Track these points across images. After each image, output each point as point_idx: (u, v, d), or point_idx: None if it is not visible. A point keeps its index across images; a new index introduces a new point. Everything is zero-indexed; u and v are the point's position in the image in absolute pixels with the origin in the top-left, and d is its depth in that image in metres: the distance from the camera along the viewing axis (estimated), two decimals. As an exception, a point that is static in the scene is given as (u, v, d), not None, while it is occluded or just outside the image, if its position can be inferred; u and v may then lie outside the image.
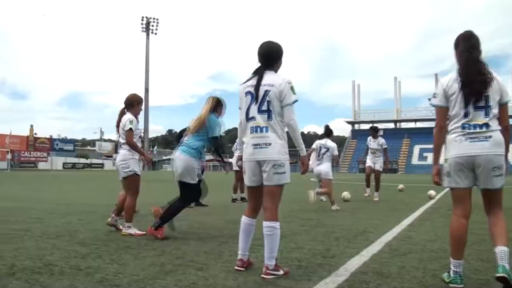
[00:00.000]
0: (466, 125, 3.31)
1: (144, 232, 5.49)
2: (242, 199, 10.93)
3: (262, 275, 3.52)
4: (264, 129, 3.65)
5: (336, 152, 9.67)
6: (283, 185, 3.69)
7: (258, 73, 3.73)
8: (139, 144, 6.14)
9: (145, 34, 72.32)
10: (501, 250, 3.22)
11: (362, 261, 4.16)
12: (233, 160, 9.56)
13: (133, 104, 6.04)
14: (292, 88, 3.65)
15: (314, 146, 9.71)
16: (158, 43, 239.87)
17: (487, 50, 3.40)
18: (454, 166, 3.33)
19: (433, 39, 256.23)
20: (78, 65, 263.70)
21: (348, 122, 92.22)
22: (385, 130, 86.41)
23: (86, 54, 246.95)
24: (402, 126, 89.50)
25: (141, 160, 7.27)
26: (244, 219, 3.85)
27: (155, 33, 72.92)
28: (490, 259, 4.23)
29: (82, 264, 3.92)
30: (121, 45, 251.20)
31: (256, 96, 3.67)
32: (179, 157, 5.41)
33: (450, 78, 3.41)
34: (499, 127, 3.32)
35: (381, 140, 11.97)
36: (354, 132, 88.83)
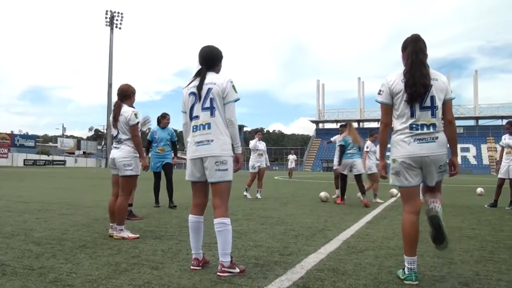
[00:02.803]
0: (414, 125, 3.40)
1: (138, 235, 5.24)
2: None
3: (218, 273, 3.52)
4: (206, 126, 3.72)
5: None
6: (229, 182, 3.74)
7: (201, 74, 3.83)
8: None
9: (109, 28, 71.01)
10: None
11: (319, 258, 4.19)
12: None
13: (129, 95, 5.55)
14: (233, 87, 3.77)
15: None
16: (123, 38, 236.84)
17: (451, 53, 3.59)
18: (403, 166, 3.43)
19: (398, 41, 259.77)
20: (40, 58, 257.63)
21: (312, 121, 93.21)
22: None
23: (49, 47, 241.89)
24: (365, 126, 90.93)
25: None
26: (190, 217, 3.87)
27: (120, 28, 71.52)
28: (446, 256, 4.36)
29: (35, 264, 3.82)
30: (85, 39, 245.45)
31: (199, 95, 3.76)
32: None
33: (396, 77, 3.49)
34: (442, 127, 3.48)
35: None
36: (318, 131, 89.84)
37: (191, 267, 3.74)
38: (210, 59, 3.88)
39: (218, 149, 3.68)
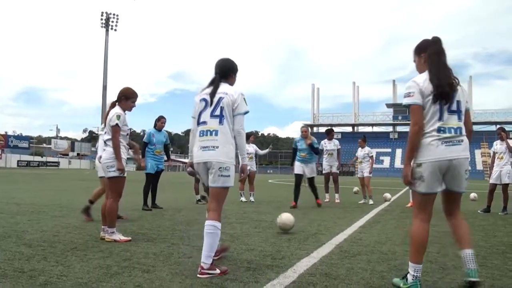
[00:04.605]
0: (442, 128, 3.29)
1: (129, 238, 5.21)
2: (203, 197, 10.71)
3: (198, 275, 3.57)
4: (214, 132, 3.82)
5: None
6: (228, 188, 3.85)
7: (215, 82, 3.96)
8: (125, 142, 5.51)
9: (104, 30, 70.77)
10: (468, 253, 3.30)
11: (311, 262, 4.17)
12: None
13: (120, 97, 5.45)
14: (244, 100, 3.90)
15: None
16: (118, 40, 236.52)
17: (448, 58, 3.47)
18: (430, 171, 3.27)
19: (392, 46, 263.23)
20: (35, 60, 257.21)
21: (307, 125, 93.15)
22: (343, 133, 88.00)
23: (44, 48, 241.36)
24: (360, 130, 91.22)
25: (136, 160, 7.00)
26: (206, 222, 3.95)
27: (115, 30, 71.23)
28: (438, 261, 4.35)
29: (26, 266, 3.79)
30: (80, 41, 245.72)
31: (210, 102, 3.87)
32: None
33: (425, 78, 3.37)
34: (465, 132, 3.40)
35: (336, 141, 12.25)
36: (313, 135, 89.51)
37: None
38: (225, 70, 4.03)
39: (223, 156, 3.77)
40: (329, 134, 12.30)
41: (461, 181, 3.39)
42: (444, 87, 3.28)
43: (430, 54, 3.44)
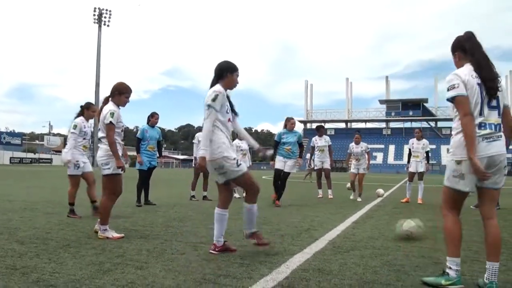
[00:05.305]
0: (483, 124, 3.22)
1: (122, 235, 5.17)
2: (204, 197, 10.66)
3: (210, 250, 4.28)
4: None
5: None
6: (239, 176, 4.34)
7: (211, 85, 4.44)
8: (120, 138, 5.44)
9: (97, 26, 70.34)
10: (493, 266, 3.26)
11: (305, 258, 4.18)
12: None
13: (113, 92, 5.37)
14: (216, 96, 4.25)
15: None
16: (111, 36, 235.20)
17: (440, 54, 3.49)
18: (470, 169, 3.18)
19: (386, 43, 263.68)
20: (28, 56, 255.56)
21: (300, 121, 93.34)
22: (336, 129, 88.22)
23: (37, 44, 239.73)
24: (353, 126, 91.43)
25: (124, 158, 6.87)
26: (216, 210, 4.49)
27: (108, 25, 70.88)
28: (432, 256, 4.38)
29: (18, 263, 3.77)
30: (73, 37, 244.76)
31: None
32: None
33: (468, 72, 3.28)
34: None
35: (327, 138, 12.28)
36: (306, 131, 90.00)
37: (209, 251, 4.36)
38: (219, 71, 4.47)
39: (211, 154, 4.22)
40: (319, 131, 12.33)
41: (501, 177, 3.31)
42: (492, 82, 3.24)
43: (470, 48, 3.37)
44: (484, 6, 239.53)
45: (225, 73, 4.43)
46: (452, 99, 3.26)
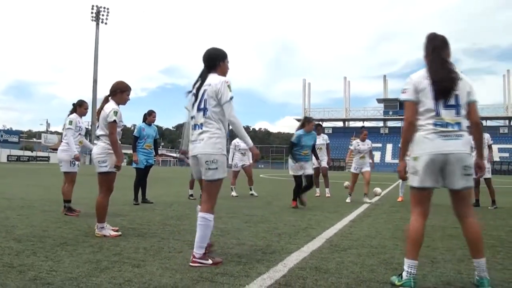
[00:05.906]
0: (439, 123, 3.24)
1: (120, 233, 5.16)
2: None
3: (190, 264, 3.72)
4: (199, 126, 3.93)
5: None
6: (218, 180, 3.90)
7: (202, 76, 4.05)
8: (118, 137, 5.37)
9: (94, 23, 70.19)
10: (480, 262, 3.24)
11: (302, 256, 4.19)
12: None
13: (115, 91, 5.35)
14: (229, 86, 3.89)
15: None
16: (108, 34, 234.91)
17: None
18: (425, 164, 3.22)
19: (383, 42, 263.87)
20: (25, 53, 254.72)
21: (298, 120, 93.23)
22: (334, 128, 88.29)
23: (34, 42, 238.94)
24: (351, 125, 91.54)
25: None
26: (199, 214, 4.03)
27: (105, 23, 70.74)
28: (428, 255, 4.41)
29: (15, 261, 3.76)
30: (70, 34, 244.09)
31: (196, 95, 3.99)
32: None
33: (420, 74, 3.37)
34: (467, 128, 3.33)
35: (325, 136, 12.28)
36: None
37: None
38: (211, 60, 4.06)
39: (209, 148, 3.84)
40: (316, 129, 12.29)
41: (459, 177, 3.22)
42: (441, 83, 3.26)
43: (426, 50, 3.46)
44: (482, 5, 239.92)
45: (218, 62, 4.07)
46: (402, 103, 3.43)
